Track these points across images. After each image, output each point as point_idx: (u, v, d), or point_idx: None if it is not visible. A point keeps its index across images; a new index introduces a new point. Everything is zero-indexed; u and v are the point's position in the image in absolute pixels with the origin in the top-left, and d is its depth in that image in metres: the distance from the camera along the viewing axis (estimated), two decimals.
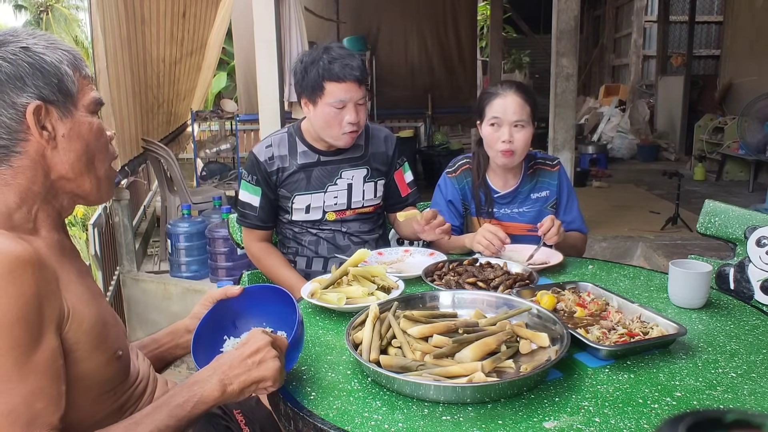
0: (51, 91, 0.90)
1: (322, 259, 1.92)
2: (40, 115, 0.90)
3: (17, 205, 0.91)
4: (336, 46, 1.80)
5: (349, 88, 1.76)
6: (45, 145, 0.91)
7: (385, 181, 1.98)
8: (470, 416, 0.95)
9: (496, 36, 9.16)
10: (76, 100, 0.94)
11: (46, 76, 0.90)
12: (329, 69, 1.74)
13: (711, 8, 10.45)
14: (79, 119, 0.94)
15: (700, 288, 1.38)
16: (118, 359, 0.96)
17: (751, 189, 5.98)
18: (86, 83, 0.96)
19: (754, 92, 6.22)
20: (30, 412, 0.80)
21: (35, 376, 0.81)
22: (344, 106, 1.76)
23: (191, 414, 0.90)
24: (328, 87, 1.75)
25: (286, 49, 3.95)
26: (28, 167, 0.91)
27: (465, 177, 1.99)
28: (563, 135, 4.12)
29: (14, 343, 0.79)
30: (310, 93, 1.78)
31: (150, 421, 0.87)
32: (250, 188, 1.89)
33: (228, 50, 10.33)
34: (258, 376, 0.94)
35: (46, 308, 0.84)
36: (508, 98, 1.84)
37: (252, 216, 1.90)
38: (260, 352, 0.95)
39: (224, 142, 5.74)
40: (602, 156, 7.46)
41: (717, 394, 1.02)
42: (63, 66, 0.92)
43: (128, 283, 3.92)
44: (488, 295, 1.36)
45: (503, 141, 1.83)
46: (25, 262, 0.81)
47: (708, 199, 1.84)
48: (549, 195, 1.97)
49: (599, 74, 12.66)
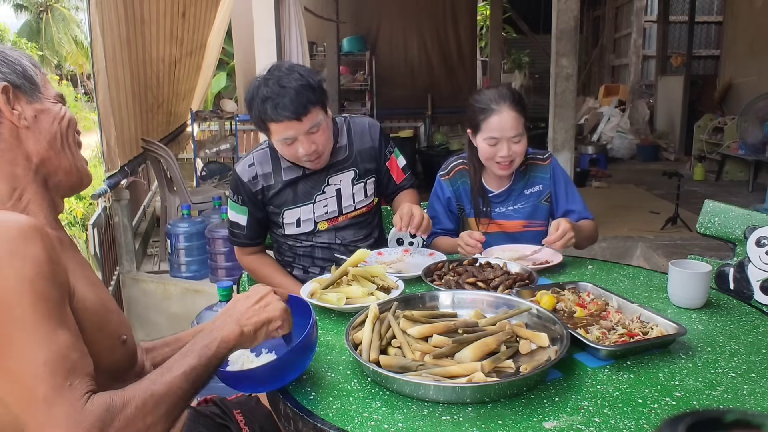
0: (17, 77, 0.96)
1: (318, 268, 1.89)
2: (8, 96, 0.94)
3: (8, 194, 0.94)
4: (273, 78, 1.64)
5: (288, 126, 1.64)
6: (17, 124, 0.95)
7: (376, 178, 1.92)
8: (470, 416, 0.95)
9: (495, 36, 9.17)
10: (40, 89, 0.99)
11: (10, 66, 0.96)
12: (263, 110, 1.64)
13: (711, 8, 10.46)
14: (47, 105, 0.99)
15: (700, 288, 1.38)
16: (123, 344, 0.98)
17: (750, 189, 5.99)
18: (46, 81, 1.02)
19: (754, 92, 6.22)
20: (68, 362, 0.80)
21: (65, 329, 0.82)
22: (294, 140, 1.68)
23: (217, 353, 0.94)
24: (270, 126, 1.66)
25: (286, 49, 3.95)
26: (6, 150, 0.94)
27: (459, 178, 1.99)
28: (563, 135, 4.12)
29: (39, 297, 0.80)
30: (259, 129, 1.72)
31: (180, 365, 0.90)
32: (236, 208, 1.86)
33: (228, 50, 10.32)
34: (267, 317, 1.01)
35: (59, 273, 0.85)
36: (504, 114, 1.81)
37: (241, 235, 1.88)
38: (264, 298, 1.03)
39: (224, 142, 5.74)
40: (602, 156, 7.46)
41: (717, 394, 1.02)
42: (24, 61, 0.98)
43: (128, 283, 3.92)
44: (488, 295, 1.36)
45: (502, 156, 1.83)
46: (32, 228, 0.83)
47: (708, 199, 1.84)
48: (542, 189, 1.96)
49: (599, 74, 12.67)
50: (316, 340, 1.10)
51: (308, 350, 1.07)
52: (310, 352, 1.08)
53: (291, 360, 1.03)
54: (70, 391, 0.78)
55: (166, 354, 1.18)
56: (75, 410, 0.77)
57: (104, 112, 3.52)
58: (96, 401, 0.79)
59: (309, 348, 1.07)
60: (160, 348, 1.20)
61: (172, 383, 0.87)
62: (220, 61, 9.03)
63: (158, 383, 0.86)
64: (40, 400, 0.76)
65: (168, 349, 1.19)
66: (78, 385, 0.79)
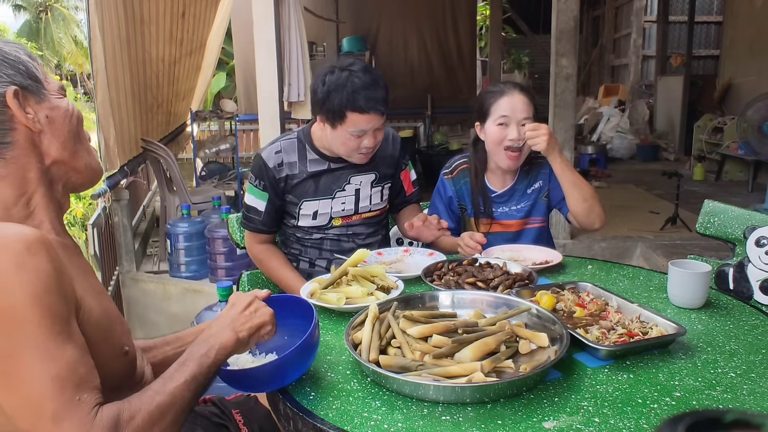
0: (22, 78, 0.92)
1: (325, 260, 1.91)
2: (19, 97, 0.90)
3: (14, 200, 0.91)
4: (360, 70, 1.70)
5: (371, 119, 1.70)
6: (32, 129, 0.92)
7: (391, 184, 1.97)
8: (470, 416, 0.95)
9: (495, 36, 9.15)
10: (44, 86, 0.96)
11: (12, 65, 0.91)
12: (354, 100, 1.66)
13: (710, 8, 10.47)
14: (55, 102, 0.96)
15: (700, 288, 1.38)
16: (125, 355, 0.97)
17: (750, 189, 5.99)
18: (45, 74, 0.98)
19: (754, 92, 6.22)
20: (76, 376, 0.80)
21: (72, 344, 0.81)
22: (362, 135, 1.73)
23: (216, 361, 0.96)
24: (350, 116, 1.68)
25: (286, 49, 3.95)
26: (20, 156, 0.91)
27: (462, 178, 1.99)
28: (563, 135, 4.11)
29: (46, 312, 0.79)
30: (331, 117, 1.71)
31: (181, 373, 0.91)
32: (256, 193, 1.86)
33: (227, 50, 10.33)
34: (258, 322, 1.04)
35: (65, 285, 0.84)
36: (515, 97, 1.84)
37: (257, 221, 1.88)
38: (252, 304, 1.06)
39: (224, 142, 5.74)
40: (601, 156, 7.45)
41: (716, 394, 1.02)
42: (22, 56, 0.94)
43: (127, 283, 3.92)
44: (488, 295, 1.36)
45: (511, 139, 1.83)
46: (37, 240, 0.81)
47: (707, 199, 1.84)
48: (542, 185, 1.97)
49: (599, 74, 12.67)
50: (318, 341, 1.10)
51: (310, 350, 1.07)
52: (312, 352, 1.08)
53: (293, 360, 1.03)
54: (78, 406, 0.78)
55: (166, 353, 1.18)
56: (84, 425, 0.77)
57: (104, 112, 3.52)
58: (105, 414, 0.79)
59: (311, 348, 1.07)
60: (160, 347, 1.19)
61: (175, 393, 0.88)
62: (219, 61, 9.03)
63: (162, 393, 0.87)
64: (49, 417, 0.76)
65: (169, 348, 1.19)
66: (86, 399, 0.79)
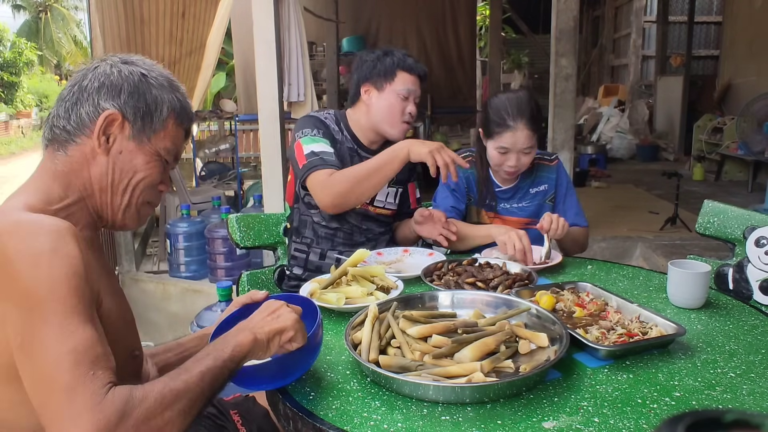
0: (134, 113, 0.99)
1: (336, 251, 1.92)
2: (112, 126, 0.98)
3: (59, 197, 0.97)
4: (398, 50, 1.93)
5: (416, 81, 1.89)
6: (97, 148, 0.98)
7: (402, 190, 2.05)
8: (469, 416, 0.95)
9: (495, 36, 9.15)
10: (152, 135, 1.01)
11: (139, 101, 0.99)
12: (404, 60, 1.88)
13: (710, 8, 10.47)
14: (145, 150, 1.01)
15: (699, 288, 1.38)
16: (134, 359, 0.98)
17: (750, 189, 5.98)
18: (178, 135, 1.04)
19: (753, 92, 6.23)
20: (92, 353, 0.81)
21: (93, 325, 0.83)
22: (408, 97, 1.87)
23: (232, 356, 0.95)
24: (400, 75, 1.86)
25: (286, 49, 3.94)
26: (78, 160, 0.99)
27: (470, 167, 2.01)
28: (562, 135, 4.11)
29: (72, 292, 0.82)
30: (381, 78, 1.86)
31: (196, 366, 0.91)
32: (318, 140, 1.81)
33: (227, 50, 10.31)
34: (280, 326, 1.01)
35: (91, 275, 0.87)
36: (518, 132, 1.81)
37: (330, 160, 1.78)
38: (277, 310, 1.04)
39: (223, 142, 5.74)
40: (601, 156, 7.46)
41: (716, 394, 1.02)
42: (162, 105, 1.02)
43: (127, 283, 3.92)
44: (487, 295, 1.36)
45: (510, 165, 1.87)
46: (68, 229, 0.87)
47: (707, 200, 1.84)
48: (548, 189, 1.99)
49: (598, 74, 12.67)
50: (321, 340, 1.10)
51: (313, 349, 1.07)
52: (314, 351, 1.08)
53: (296, 357, 1.03)
54: (92, 380, 0.78)
55: (168, 359, 1.18)
56: (96, 399, 0.77)
57: None
58: (117, 392, 0.79)
59: (314, 346, 1.07)
60: (161, 354, 1.20)
61: (189, 381, 0.88)
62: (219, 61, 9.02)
63: (176, 380, 0.87)
64: (62, 388, 0.77)
65: (171, 354, 1.19)
66: (101, 376, 0.80)
